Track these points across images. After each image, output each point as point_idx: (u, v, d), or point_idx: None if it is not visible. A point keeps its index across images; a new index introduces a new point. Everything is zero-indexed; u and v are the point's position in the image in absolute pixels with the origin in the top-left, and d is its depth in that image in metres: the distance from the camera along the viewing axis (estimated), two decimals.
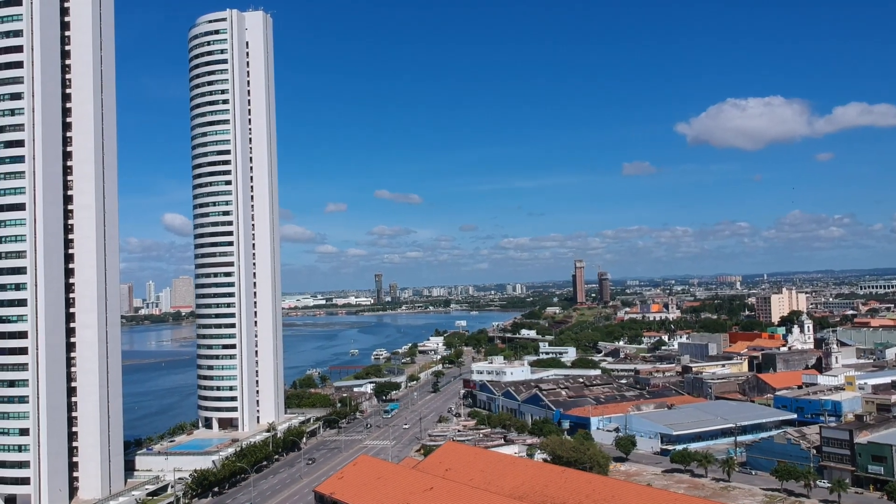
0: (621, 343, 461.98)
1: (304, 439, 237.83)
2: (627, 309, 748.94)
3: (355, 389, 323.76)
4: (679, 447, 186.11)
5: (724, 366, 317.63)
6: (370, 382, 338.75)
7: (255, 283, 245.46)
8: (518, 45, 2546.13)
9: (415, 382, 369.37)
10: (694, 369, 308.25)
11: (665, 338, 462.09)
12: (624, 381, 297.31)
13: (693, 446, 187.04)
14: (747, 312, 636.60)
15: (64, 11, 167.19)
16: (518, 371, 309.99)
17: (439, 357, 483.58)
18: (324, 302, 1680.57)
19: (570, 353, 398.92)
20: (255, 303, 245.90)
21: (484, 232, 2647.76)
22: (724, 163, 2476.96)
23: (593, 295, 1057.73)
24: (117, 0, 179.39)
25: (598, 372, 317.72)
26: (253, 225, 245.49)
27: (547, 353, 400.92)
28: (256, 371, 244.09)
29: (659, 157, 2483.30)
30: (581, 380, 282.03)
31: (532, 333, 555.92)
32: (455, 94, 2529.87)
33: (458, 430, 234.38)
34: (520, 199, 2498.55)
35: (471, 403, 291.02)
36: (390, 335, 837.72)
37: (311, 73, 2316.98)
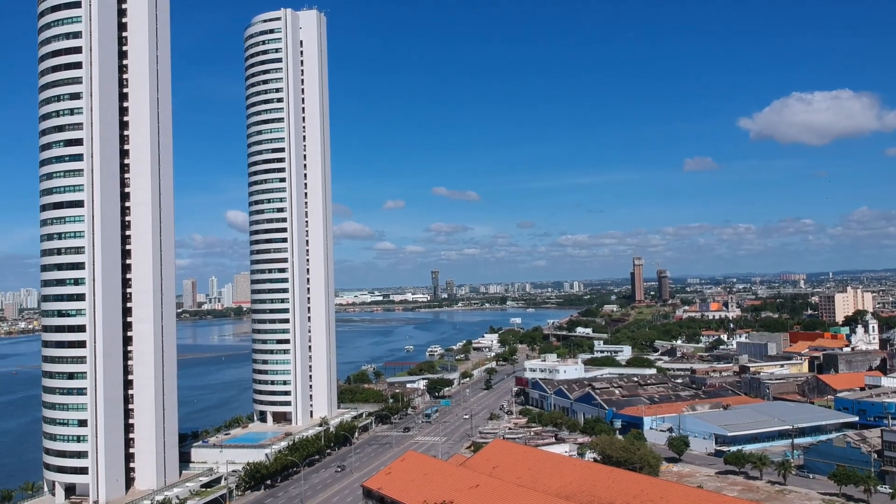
0: (679, 342, 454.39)
1: (356, 434, 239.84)
2: (686, 307, 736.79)
3: (408, 385, 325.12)
4: (734, 448, 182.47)
5: (783, 366, 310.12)
6: (423, 379, 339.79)
7: (308, 279, 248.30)
8: (578, 42, 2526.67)
9: (468, 379, 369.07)
10: (752, 369, 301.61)
11: (724, 337, 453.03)
12: (679, 380, 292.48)
13: (748, 448, 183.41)
14: (810, 312, 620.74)
15: (121, 13, 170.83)
16: (571, 369, 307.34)
17: (493, 354, 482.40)
18: (381, 298, 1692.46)
19: (626, 352, 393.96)
20: (309, 298, 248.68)
21: (542, 229, 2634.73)
22: (789, 158, 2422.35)
23: (652, 293, 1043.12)
24: (174, 0, 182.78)
25: (653, 371, 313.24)
26: (307, 222, 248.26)
27: (602, 352, 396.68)
28: (310, 366, 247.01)
29: (721, 152, 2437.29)
30: (635, 379, 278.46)
31: (588, 331, 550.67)
32: (513, 91, 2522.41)
33: (509, 428, 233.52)
34: (578, 195, 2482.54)
35: (523, 401, 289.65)
36: (445, 332, 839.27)
37: (369, 71, 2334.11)
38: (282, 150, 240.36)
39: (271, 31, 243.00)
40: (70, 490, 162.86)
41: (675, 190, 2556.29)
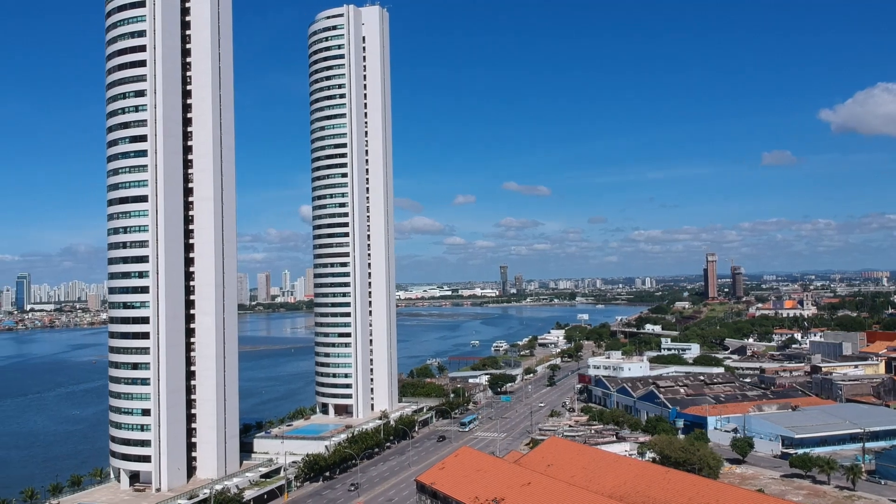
0: (750, 340, 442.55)
1: (417, 428, 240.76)
2: (759, 305, 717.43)
3: (470, 380, 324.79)
4: (800, 451, 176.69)
5: (857, 367, 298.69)
6: (485, 374, 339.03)
7: (369, 274, 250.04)
8: (651, 36, 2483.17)
9: (531, 375, 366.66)
10: (824, 369, 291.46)
11: (797, 336, 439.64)
12: (748, 379, 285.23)
13: (817, 451, 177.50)
14: (891, 311, 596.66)
15: (184, 12, 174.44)
16: (636, 367, 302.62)
17: (559, 350, 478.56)
18: (450, 293, 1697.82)
19: (693, 350, 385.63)
20: (370, 293, 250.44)
21: (613, 224, 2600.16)
22: (873, 151, 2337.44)
23: (725, 290, 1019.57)
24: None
25: (720, 370, 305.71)
26: (368, 217, 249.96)
27: (668, 350, 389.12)
28: (371, 359, 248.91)
29: (801, 146, 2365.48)
30: (701, 378, 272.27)
31: (657, 328, 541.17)
32: (583, 85, 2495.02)
33: (570, 426, 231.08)
34: (652, 190, 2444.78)
35: (586, 399, 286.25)
36: (512, 327, 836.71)
37: (438, 66, 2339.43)
38: (344, 145, 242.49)
39: (334, 28, 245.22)
40: (134, 477, 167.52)
41: (751, 184, 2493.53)
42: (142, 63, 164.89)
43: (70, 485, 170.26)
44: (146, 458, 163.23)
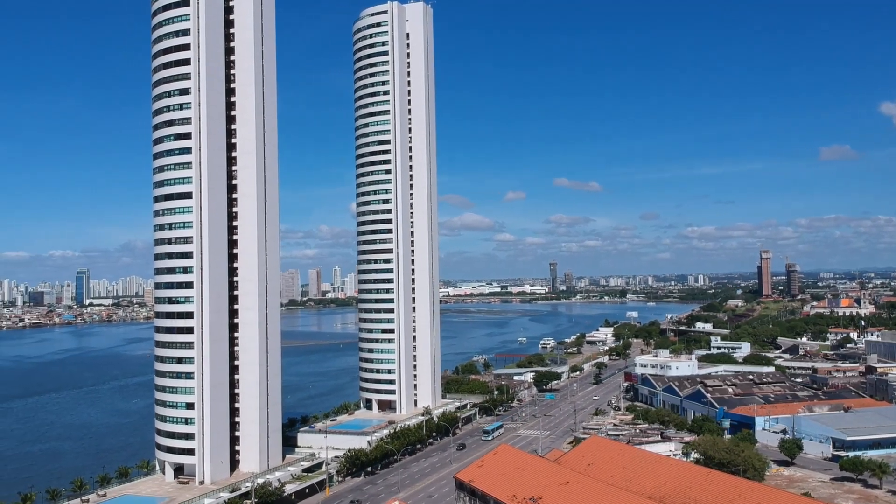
0: (803, 339, 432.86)
1: (460, 425, 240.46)
2: (815, 303, 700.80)
3: (515, 378, 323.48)
4: (852, 454, 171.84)
5: None
6: (530, 371, 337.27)
7: (413, 270, 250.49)
8: (703, 31, 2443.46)
9: (577, 373, 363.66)
10: (879, 370, 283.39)
11: (853, 335, 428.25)
12: (799, 379, 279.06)
13: (869, 454, 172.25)
14: None
15: (228, 10, 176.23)
16: (684, 365, 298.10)
17: (606, 348, 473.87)
18: (499, 289, 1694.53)
19: (744, 349, 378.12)
20: (414, 289, 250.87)
21: (666, 220, 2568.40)
22: None
23: (780, 288, 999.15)
24: None
25: (771, 369, 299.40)
26: (412, 213, 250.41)
27: (718, 348, 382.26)
28: (414, 356, 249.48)
29: (861, 140, 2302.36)
30: (751, 377, 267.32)
31: (707, 327, 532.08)
32: (636, 80, 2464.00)
33: (614, 424, 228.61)
34: (705, 186, 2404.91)
35: (632, 397, 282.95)
36: (561, 324, 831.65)
37: (491, 63, 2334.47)
38: (387, 142, 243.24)
39: (378, 25, 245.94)
40: (179, 470, 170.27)
41: (809, 180, 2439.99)
42: (186, 62, 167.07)
43: (118, 476, 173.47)
44: (190, 451, 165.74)
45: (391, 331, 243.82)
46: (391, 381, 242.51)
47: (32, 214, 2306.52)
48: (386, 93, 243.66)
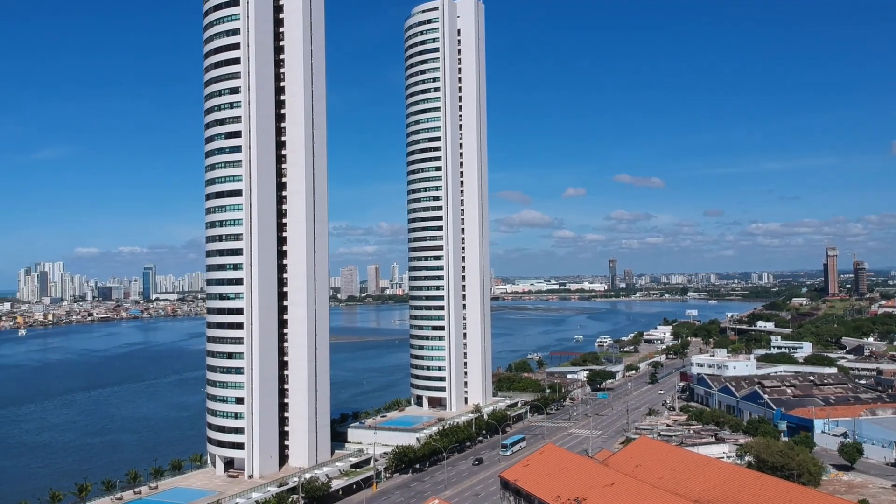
0: (869, 339, 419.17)
1: (510, 423, 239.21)
2: (884, 302, 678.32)
3: (568, 376, 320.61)
4: None
5: None
6: (584, 370, 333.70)
7: (463, 267, 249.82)
8: (766, 26, 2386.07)
9: (633, 372, 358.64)
10: None
11: None
12: (863, 381, 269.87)
13: None
14: None
15: (277, 9, 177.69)
16: (741, 365, 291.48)
17: (664, 347, 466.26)
18: (557, 287, 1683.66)
19: (805, 349, 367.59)
20: (464, 286, 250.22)
21: (730, 217, 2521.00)
22: None
23: (848, 286, 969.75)
24: None
25: (833, 370, 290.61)
26: (462, 210, 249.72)
27: (778, 348, 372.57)
28: (464, 353, 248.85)
29: None
30: (811, 378, 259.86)
31: (769, 326, 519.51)
32: (698, 75, 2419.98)
33: (667, 425, 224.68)
34: (771, 182, 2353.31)
35: (687, 397, 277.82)
36: (619, 322, 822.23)
37: (550, 60, 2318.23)
38: (438, 138, 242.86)
39: (429, 21, 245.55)
40: (229, 464, 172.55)
41: (880, 174, 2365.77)
42: (235, 61, 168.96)
43: (171, 469, 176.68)
44: (240, 446, 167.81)
45: (441, 328, 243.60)
46: (441, 378, 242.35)
47: (103, 212, 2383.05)
48: (437, 89, 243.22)
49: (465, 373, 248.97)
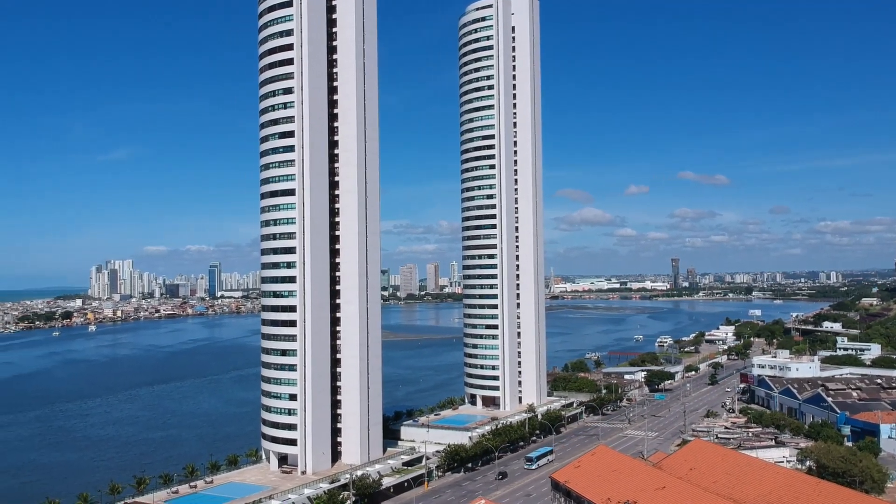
0: None
1: (565, 423, 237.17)
2: None
3: (626, 377, 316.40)
4: None
5: None
6: (642, 370, 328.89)
7: (517, 266, 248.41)
8: (833, 19, 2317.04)
9: (692, 373, 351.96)
10: None
11: None
12: None
13: None
14: None
15: (330, 9, 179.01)
16: (805, 367, 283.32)
17: (726, 347, 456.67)
18: (618, 286, 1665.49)
19: (874, 351, 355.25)
20: (518, 285, 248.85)
21: (797, 215, 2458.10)
22: None
23: None
24: None
25: None
26: (516, 208, 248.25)
27: (845, 350, 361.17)
28: (518, 352, 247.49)
29: None
30: (879, 381, 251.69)
31: (836, 326, 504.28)
32: (764, 71, 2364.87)
33: (725, 427, 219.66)
34: (841, 178, 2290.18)
35: (747, 399, 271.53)
36: (680, 322, 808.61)
37: (607, 55, 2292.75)
38: (492, 136, 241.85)
39: (483, 19, 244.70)
40: (283, 459, 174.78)
41: None
42: (289, 62, 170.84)
43: (227, 464, 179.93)
44: (293, 442, 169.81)
45: (495, 326, 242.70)
46: (495, 378, 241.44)
47: (171, 211, 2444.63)
48: (490, 87, 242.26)
49: (520, 372, 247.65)
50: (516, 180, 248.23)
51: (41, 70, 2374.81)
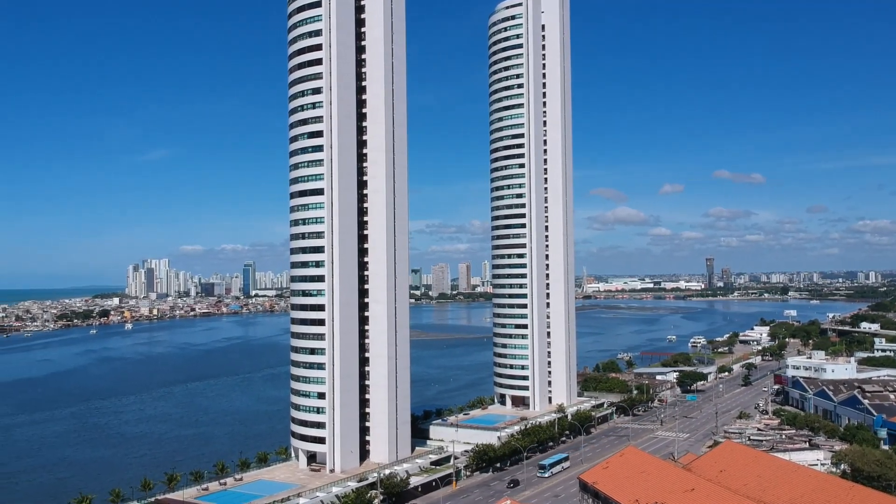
0: None
1: (595, 424, 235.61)
2: None
3: (657, 377, 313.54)
4: None
5: None
6: (674, 371, 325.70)
7: (547, 266, 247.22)
8: (866, 19, 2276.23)
9: (725, 374, 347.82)
10: None
11: None
12: None
13: None
14: None
15: (359, 10, 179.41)
16: (841, 368, 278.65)
17: (760, 348, 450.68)
18: (652, 286, 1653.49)
19: None
20: (548, 284, 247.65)
21: (835, 214, 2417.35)
22: None
23: None
24: None
25: None
26: (546, 208, 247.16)
27: (883, 351, 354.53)
28: (548, 352, 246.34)
29: None
30: None
31: (874, 327, 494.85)
32: (802, 66, 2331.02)
33: (758, 429, 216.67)
34: (880, 176, 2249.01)
35: (781, 401, 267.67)
36: (714, 322, 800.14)
37: (639, 54, 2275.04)
38: (521, 135, 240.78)
39: (513, 18, 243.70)
40: (312, 458, 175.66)
41: None
42: (318, 62, 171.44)
43: (257, 462, 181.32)
44: (321, 440, 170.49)
45: (524, 326, 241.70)
46: (524, 377, 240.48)
47: (207, 211, 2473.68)
48: (520, 86, 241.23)
49: (549, 372, 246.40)
50: (546, 179, 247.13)
51: (80, 72, 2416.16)
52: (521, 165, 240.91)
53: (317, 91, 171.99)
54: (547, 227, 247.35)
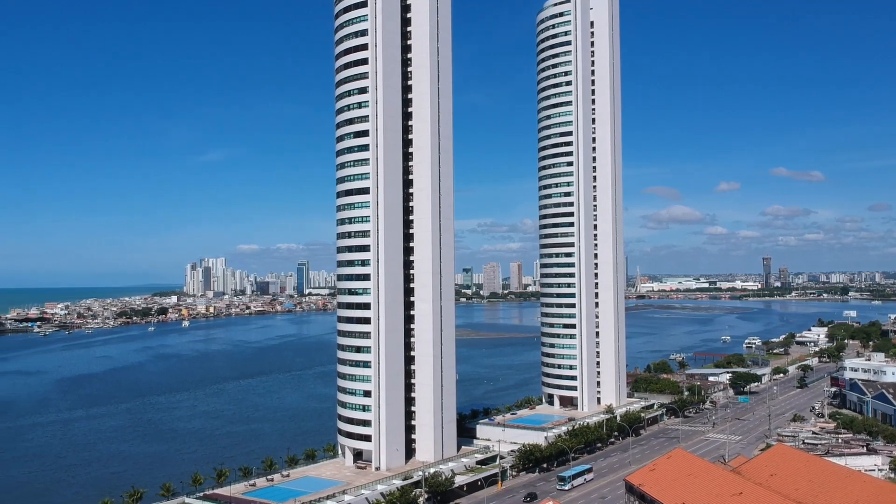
0: None
1: (645, 425, 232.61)
2: None
3: (710, 378, 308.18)
4: None
5: None
6: (727, 372, 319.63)
7: (596, 265, 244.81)
8: None
9: (781, 375, 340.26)
10: None
11: None
12: None
13: None
14: None
15: (405, 9, 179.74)
16: None
17: (817, 349, 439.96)
18: (707, 285, 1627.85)
19: None
20: (597, 284, 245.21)
21: None
22: None
23: None
24: None
25: None
26: (595, 206, 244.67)
27: None
28: (597, 352, 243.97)
29: None
30: None
31: None
32: (860, 63, 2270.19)
33: (813, 432, 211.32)
34: None
35: (838, 404, 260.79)
36: (770, 323, 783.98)
37: (695, 51, 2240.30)
38: (569, 133, 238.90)
39: (561, 15, 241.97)
40: (358, 455, 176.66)
41: None
42: (364, 62, 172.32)
43: (304, 458, 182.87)
44: (367, 438, 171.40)
45: (573, 326, 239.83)
46: (572, 378, 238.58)
47: (263, 210, 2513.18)
48: (568, 83, 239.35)
49: (598, 372, 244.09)
50: (595, 177, 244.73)
51: (142, 75, 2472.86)
52: (570, 164, 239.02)
53: (363, 91, 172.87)
54: (596, 226, 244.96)
